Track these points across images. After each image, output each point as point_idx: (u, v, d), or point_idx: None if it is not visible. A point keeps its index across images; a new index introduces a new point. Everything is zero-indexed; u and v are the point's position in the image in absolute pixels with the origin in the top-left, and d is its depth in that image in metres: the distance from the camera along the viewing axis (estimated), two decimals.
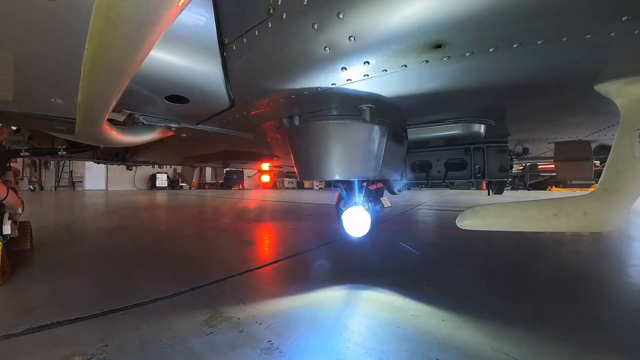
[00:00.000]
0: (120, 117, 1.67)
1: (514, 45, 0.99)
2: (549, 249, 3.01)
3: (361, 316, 1.50)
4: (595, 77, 1.26)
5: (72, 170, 16.73)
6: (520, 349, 1.21)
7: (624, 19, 0.86)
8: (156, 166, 4.93)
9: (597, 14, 0.86)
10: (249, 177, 22.45)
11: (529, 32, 0.94)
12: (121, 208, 6.81)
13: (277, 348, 1.18)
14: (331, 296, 1.73)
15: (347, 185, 2.46)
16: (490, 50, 1.02)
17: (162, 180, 19.16)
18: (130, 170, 4.95)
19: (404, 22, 0.93)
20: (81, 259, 2.43)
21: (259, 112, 1.65)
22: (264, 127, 2.07)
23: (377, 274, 2.15)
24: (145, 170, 18.56)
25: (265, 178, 10.67)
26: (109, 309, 1.50)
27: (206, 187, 20.17)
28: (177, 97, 1.41)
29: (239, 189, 20.85)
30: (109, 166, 17.15)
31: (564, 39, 0.95)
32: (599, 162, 3.49)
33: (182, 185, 19.27)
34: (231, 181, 20.89)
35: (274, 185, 23.62)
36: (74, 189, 16.35)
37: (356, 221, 2.13)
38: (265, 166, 5.65)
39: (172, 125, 1.80)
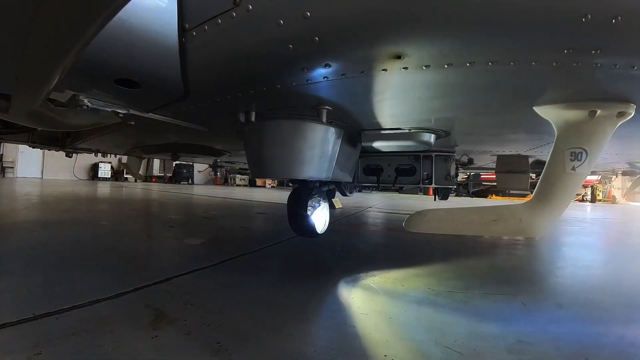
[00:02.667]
0: (63, 98, 1.54)
1: (467, 64, 1.05)
2: (486, 250, 3.22)
3: (311, 315, 1.51)
4: (536, 99, 1.38)
5: (2, 154, 15.28)
6: (462, 343, 1.27)
7: (565, 51, 0.96)
8: (99, 155, 4.64)
9: (544, 45, 0.95)
10: (199, 171, 21.73)
11: (482, 54, 1.02)
12: (59, 199, 6.31)
13: (227, 350, 1.15)
14: (281, 295, 1.72)
15: (302, 184, 2.47)
16: (445, 66, 1.08)
17: (105, 170, 18.05)
18: (70, 157, 4.61)
19: (367, 30, 0.96)
20: (10, 257, 2.21)
21: (215, 104, 1.60)
22: (219, 121, 2.02)
23: (327, 272, 2.18)
24: (86, 159, 17.31)
25: (217, 173, 10.41)
26: (42, 312, 1.35)
27: (153, 180, 19.25)
28: (127, 80, 1.33)
29: (188, 183, 20.14)
30: (46, 152, 15.90)
31: (512, 64, 1.03)
32: (534, 175, 3.80)
33: (127, 177, 18.26)
34: (180, 175, 20.11)
35: (225, 182, 23.09)
36: (4, 176, 14.95)
37: (318, 218, 2.16)
38: (217, 161, 5.52)
39: (120, 111, 1.68)
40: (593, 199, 16.86)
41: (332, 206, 3.41)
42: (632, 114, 1.32)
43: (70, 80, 1.29)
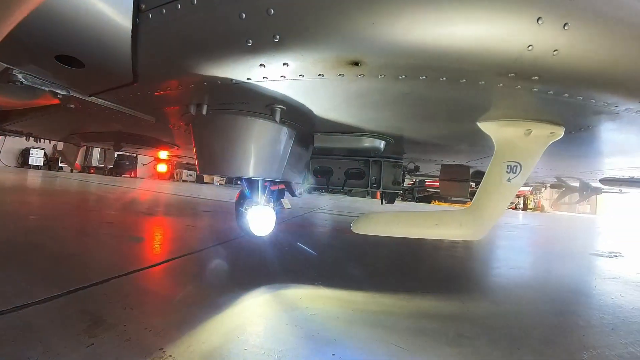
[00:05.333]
0: None
1: (421, 77, 1.11)
2: (429, 252, 3.38)
3: (259, 317, 1.49)
4: (480, 115, 1.50)
5: None
6: (406, 339, 1.32)
7: (509, 75, 1.05)
8: (31, 139, 4.24)
9: (492, 67, 1.04)
10: (143, 164, 20.61)
11: (436, 69, 1.07)
12: None
13: (171, 356, 1.09)
14: (227, 298, 1.68)
15: (249, 183, 2.43)
16: (400, 77, 1.12)
17: (37, 157, 16.42)
18: None
19: (329, 33, 0.97)
20: None
21: (165, 93, 1.52)
22: (168, 112, 1.92)
23: (274, 274, 2.17)
24: (16, 143, 15.57)
25: (162, 168, 9.91)
26: None
27: (91, 171, 17.93)
28: (71, 58, 1.21)
29: (130, 177, 19.04)
30: None
31: (462, 81, 1.11)
32: (474, 184, 4.06)
33: (62, 166, 16.84)
34: (122, 167, 18.91)
35: (170, 177, 22.13)
36: None
37: (261, 220, 2.12)
38: (163, 154, 5.28)
39: (59, 91, 1.53)
40: (525, 208, 18.50)
41: (281, 206, 3.41)
42: (562, 135, 1.49)
43: (3, 51, 1.17)
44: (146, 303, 1.52)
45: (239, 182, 2.49)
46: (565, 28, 0.89)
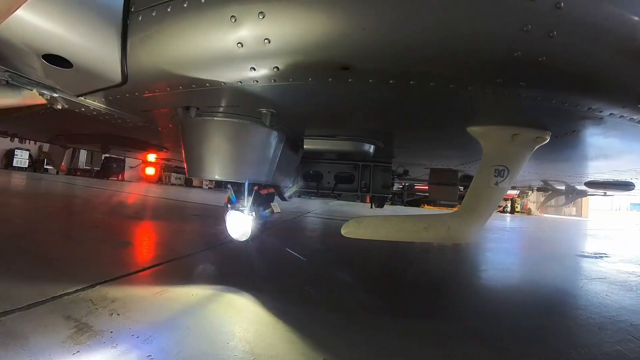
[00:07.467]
0: None
1: (411, 82, 1.11)
2: (418, 255, 3.41)
3: (248, 322, 1.47)
4: (469, 120, 1.52)
5: None
6: (392, 340, 1.32)
7: (497, 80, 1.07)
8: (16, 140, 4.15)
9: (480, 73, 1.06)
10: (131, 167, 20.27)
11: (425, 75, 1.09)
12: None
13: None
14: (217, 303, 1.66)
15: (238, 187, 2.42)
16: (390, 82, 1.13)
17: (22, 158, 16.05)
18: None
19: (319, 38, 0.97)
20: None
21: (154, 95, 1.50)
22: (156, 114, 1.89)
23: (263, 278, 2.15)
24: (0, 143, 15.36)
25: (150, 171, 9.76)
26: None
27: (78, 173, 17.57)
28: (59, 58, 1.18)
29: (118, 180, 18.73)
30: None
31: (451, 86, 1.12)
32: (462, 187, 4.10)
33: (47, 169, 16.48)
34: (109, 170, 18.55)
35: (159, 180, 21.83)
36: None
37: (237, 225, 2.11)
38: (151, 157, 5.20)
39: (46, 92, 1.50)
40: (512, 211, 18.79)
41: (270, 210, 3.39)
42: (548, 140, 1.51)
43: None
44: (134, 309, 1.48)
45: (228, 186, 2.48)
46: (551, 36, 0.91)
